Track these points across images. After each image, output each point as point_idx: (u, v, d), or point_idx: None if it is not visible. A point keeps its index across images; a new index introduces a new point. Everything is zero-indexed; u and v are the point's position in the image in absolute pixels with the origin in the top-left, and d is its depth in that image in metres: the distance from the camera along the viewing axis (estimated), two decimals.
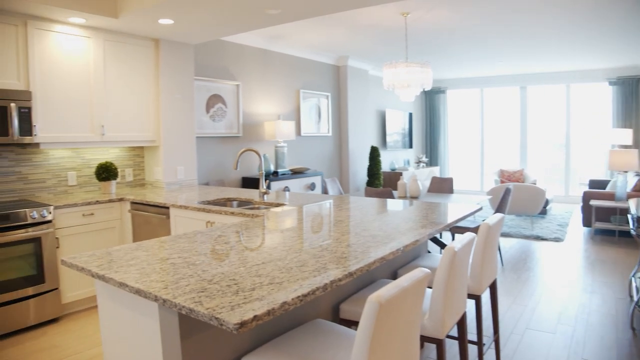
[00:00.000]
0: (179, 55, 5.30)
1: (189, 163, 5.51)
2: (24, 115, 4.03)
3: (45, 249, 3.96)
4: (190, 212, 3.89)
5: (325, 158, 8.39)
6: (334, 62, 8.53)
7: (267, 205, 3.98)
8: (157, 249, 2.32)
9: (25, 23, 4.11)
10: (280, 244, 2.36)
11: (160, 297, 1.65)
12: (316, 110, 8.10)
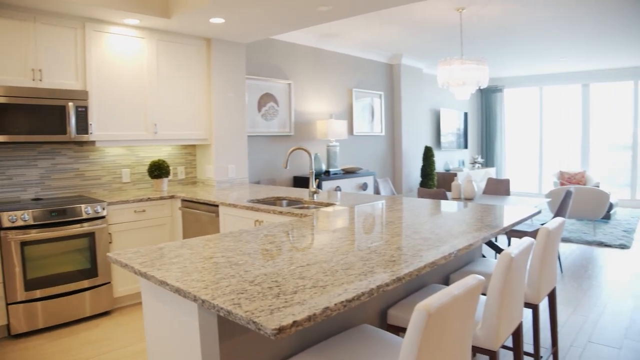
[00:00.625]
0: (231, 54, 5.31)
1: (240, 161, 5.51)
2: (80, 114, 4.13)
3: (99, 244, 4.05)
4: (239, 210, 3.86)
5: (378, 158, 8.25)
6: (387, 61, 8.37)
7: (317, 204, 3.90)
8: (202, 247, 2.28)
9: (83, 25, 4.22)
10: (327, 245, 2.27)
11: (199, 298, 1.59)
12: (369, 110, 7.97)
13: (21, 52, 3.91)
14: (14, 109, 3.80)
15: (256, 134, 6.10)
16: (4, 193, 4.17)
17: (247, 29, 4.81)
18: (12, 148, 4.20)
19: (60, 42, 4.11)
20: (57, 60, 4.10)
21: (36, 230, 3.71)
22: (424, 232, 2.51)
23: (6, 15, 3.82)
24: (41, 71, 3.99)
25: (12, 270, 3.62)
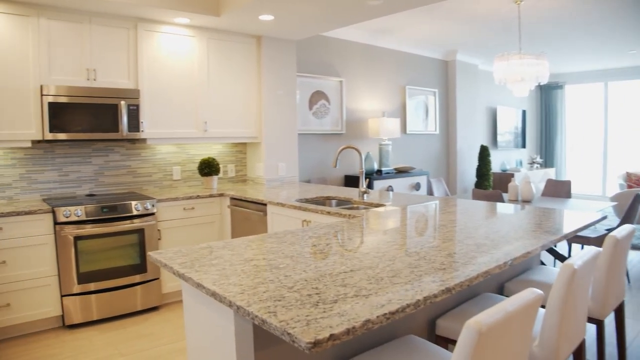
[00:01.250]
0: (281, 52, 5.26)
1: (291, 160, 5.45)
2: (132, 112, 4.18)
3: (148, 240, 4.08)
4: (287, 209, 3.79)
5: (431, 157, 8.01)
6: (442, 57, 8.11)
7: (367, 205, 3.78)
8: (244, 249, 2.21)
9: (135, 26, 4.27)
10: (374, 249, 2.15)
11: (235, 304, 1.51)
12: (423, 107, 7.75)
13: (77, 52, 4.00)
14: (71, 107, 3.88)
15: (307, 132, 6.03)
16: (61, 189, 4.29)
17: (296, 26, 4.74)
18: (68, 145, 4.31)
19: (113, 42, 4.17)
20: (110, 60, 4.17)
21: (89, 225, 3.78)
22: (478, 237, 2.35)
23: (64, 18, 3.92)
24: (95, 71, 4.07)
25: (67, 264, 3.70)
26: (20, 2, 3.73)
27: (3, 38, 3.70)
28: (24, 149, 4.09)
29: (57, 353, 3.38)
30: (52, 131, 3.82)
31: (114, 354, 3.35)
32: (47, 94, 3.79)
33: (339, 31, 6.21)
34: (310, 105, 6.06)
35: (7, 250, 3.52)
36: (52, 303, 3.69)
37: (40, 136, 3.85)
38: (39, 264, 3.64)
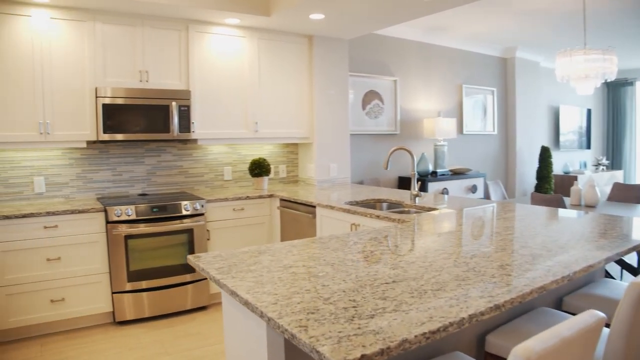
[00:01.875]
0: (333, 51, 5.17)
1: (343, 161, 5.35)
2: (183, 113, 4.21)
3: (197, 240, 4.10)
4: (336, 212, 3.70)
5: (489, 158, 7.69)
6: (501, 54, 7.77)
7: (418, 209, 3.63)
8: (284, 254, 2.13)
9: (187, 27, 4.30)
10: (421, 257, 2.02)
11: (266, 315, 1.43)
12: (480, 107, 7.45)
13: (130, 55, 4.08)
14: (124, 109, 3.96)
15: (360, 132, 5.91)
16: (115, 188, 4.38)
17: (348, 25, 4.63)
18: (122, 146, 4.40)
19: (165, 44, 4.22)
20: (162, 62, 4.22)
21: (139, 224, 3.83)
22: (534, 246, 2.16)
23: (118, 21, 4.00)
24: (147, 72, 4.13)
25: (117, 262, 3.77)
26: (77, 8, 3.83)
27: (61, 43, 3.82)
28: (80, 149, 4.21)
29: (105, 348, 3.44)
30: (106, 132, 3.90)
31: (160, 352, 3.37)
32: (102, 96, 3.88)
33: (393, 29, 6.06)
34: (363, 105, 5.93)
35: (62, 247, 3.62)
36: (103, 299, 3.77)
37: (94, 137, 3.95)
38: (91, 261, 3.72)
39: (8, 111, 3.67)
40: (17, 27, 3.68)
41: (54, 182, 4.14)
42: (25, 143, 3.74)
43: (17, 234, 3.48)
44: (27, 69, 3.72)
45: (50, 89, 3.79)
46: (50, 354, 3.37)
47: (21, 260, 3.50)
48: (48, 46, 3.77)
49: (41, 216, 3.53)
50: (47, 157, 4.10)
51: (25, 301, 3.53)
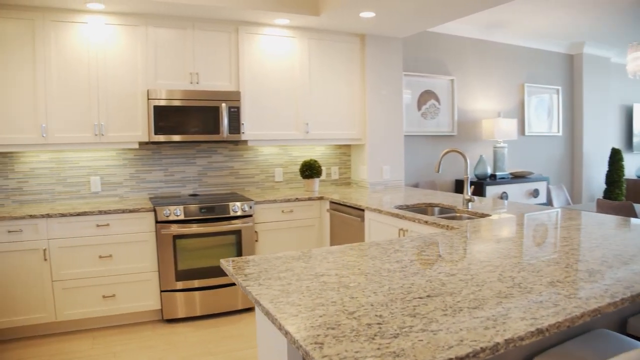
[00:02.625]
0: (386, 50, 5.02)
1: (396, 163, 5.19)
2: (233, 114, 4.21)
3: (245, 242, 4.08)
4: (384, 216, 3.56)
5: (552, 161, 7.24)
6: (566, 50, 7.28)
7: (470, 215, 3.43)
8: (319, 261, 2.03)
9: (236, 29, 4.31)
10: (463, 270, 1.86)
11: (284, 327, 1.34)
12: (544, 107, 7.02)
13: (181, 57, 4.13)
14: (175, 110, 4.00)
15: (415, 133, 5.72)
16: (167, 188, 4.46)
17: (400, 22, 4.47)
18: (174, 147, 4.46)
19: (215, 46, 4.24)
20: (212, 63, 4.24)
21: (187, 225, 3.86)
22: (592, 261, 1.94)
23: (169, 25, 4.06)
24: (198, 74, 4.16)
25: (166, 261, 3.82)
26: (131, 13, 3.92)
27: (115, 47, 3.92)
28: (133, 150, 4.31)
29: (151, 345, 3.48)
30: (157, 133, 3.96)
31: (203, 352, 3.37)
32: (153, 98, 3.94)
33: (449, 27, 5.81)
34: (418, 105, 5.74)
35: (114, 245, 3.70)
36: (152, 297, 3.83)
37: (146, 138, 4.02)
38: (141, 260, 3.79)
39: (67, 114, 3.81)
40: (75, 34, 3.82)
41: (109, 181, 4.25)
42: (81, 144, 3.87)
43: (72, 231, 3.59)
44: (84, 73, 3.84)
45: (105, 92, 3.90)
46: (100, 347, 3.45)
47: (76, 257, 3.61)
48: (103, 51, 3.88)
49: (94, 215, 3.63)
50: (103, 157, 4.23)
51: (79, 296, 3.64)
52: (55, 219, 3.54)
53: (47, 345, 3.49)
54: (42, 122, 3.73)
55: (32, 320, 3.55)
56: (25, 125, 3.71)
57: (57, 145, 3.81)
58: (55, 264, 3.56)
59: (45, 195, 4.08)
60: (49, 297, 3.56)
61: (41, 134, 3.73)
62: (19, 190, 4.00)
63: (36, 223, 3.51)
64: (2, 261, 3.46)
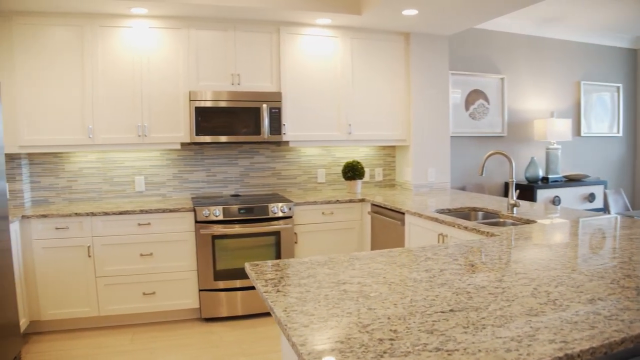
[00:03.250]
0: (431, 48, 4.85)
1: (442, 164, 5.01)
2: (274, 115, 4.18)
3: (284, 243, 4.04)
4: (423, 220, 3.43)
5: (611, 164, 6.78)
6: (628, 45, 6.77)
7: (515, 220, 3.24)
8: (344, 267, 1.95)
9: (277, 30, 4.28)
10: (494, 282, 1.73)
11: (291, 338, 1.27)
12: (602, 106, 6.60)
13: (222, 59, 4.15)
14: (216, 111, 4.02)
15: (462, 134, 5.51)
16: (209, 188, 4.49)
17: (445, 19, 4.29)
18: (216, 147, 4.49)
19: (256, 47, 4.23)
20: (253, 64, 4.23)
21: (226, 225, 3.86)
22: None
23: (211, 27, 4.09)
24: (239, 75, 4.16)
25: (205, 260, 3.83)
26: (173, 16, 3.98)
27: (158, 50, 3.99)
28: (176, 150, 4.36)
29: (189, 343, 3.50)
30: (199, 134, 3.99)
31: (238, 352, 3.35)
32: (195, 99, 3.97)
33: (499, 23, 5.55)
34: (466, 105, 5.52)
35: (154, 244, 3.75)
36: (191, 295, 3.86)
37: (188, 139, 4.06)
38: (181, 259, 3.82)
39: (112, 115, 3.90)
40: (120, 38, 3.91)
41: (152, 181, 4.33)
42: (125, 145, 3.95)
43: (115, 229, 3.67)
44: (128, 76, 3.93)
45: (148, 94, 3.96)
46: (139, 343, 3.50)
47: (118, 254, 3.69)
48: (146, 54, 3.96)
49: (135, 214, 3.70)
50: (147, 157, 4.31)
51: (120, 292, 3.72)
52: (98, 217, 3.63)
53: (89, 338, 3.59)
54: (89, 124, 3.84)
55: (77, 314, 3.66)
56: (73, 126, 3.83)
57: (102, 146, 3.91)
58: (99, 261, 3.65)
59: (92, 194, 4.20)
60: (93, 292, 3.65)
61: (88, 135, 3.84)
62: (68, 188, 4.14)
63: (81, 221, 3.61)
64: (50, 256, 3.58)
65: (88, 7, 3.66)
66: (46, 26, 3.76)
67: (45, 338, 3.59)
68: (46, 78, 3.78)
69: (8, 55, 3.71)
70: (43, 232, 3.56)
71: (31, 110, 3.77)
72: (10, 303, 3.13)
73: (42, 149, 3.81)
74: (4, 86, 3.71)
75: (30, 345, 3.49)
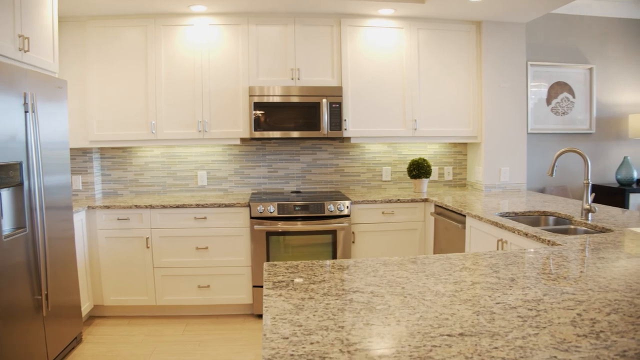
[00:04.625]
0: (506, 38, 4.38)
1: (517, 164, 4.52)
2: (334, 110, 3.99)
3: (340, 242, 3.83)
4: (483, 224, 3.07)
5: None
6: None
7: (589, 228, 2.79)
8: (365, 273, 1.72)
9: (339, 22, 4.07)
10: (531, 302, 1.42)
11: (263, 349, 1.08)
12: None
13: (282, 53, 4.03)
14: (276, 107, 3.91)
15: (543, 131, 4.95)
16: (270, 184, 4.39)
17: (519, 4, 3.82)
18: (277, 143, 4.38)
19: (316, 41, 4.06)
20: (313, 58, 4.06)
21: (280, 222, 3.73)
22: None
23: (270, 22, 3.98)
24: (299, 70, 4.01)
25: (258, 256, 3.73)
26: (233, 12, 3.92)
27: (218, 47, 3.95)
28: (238, 146, 4.31)
29: (236, 338, 3.42)
30: (256, 129, 3.89)
31: None
32: (254, 95, 3.88)
33: (586, 6, 4.90)
34: (548, 99, 4.95)
35: (210, 238, 3.72)
36: (244, 291, 3.78)
37: (247, 134, 3.98)
38: (236, 254, 3.75)
39: (173, 111, 3.93)
40: (182, 36, 3.93)
41: (214, 176, 4.31)
42: (186, 140, 3.96)
43: (173, 222, 3.68)
44: (189, 73, 3.93)
45: (208, 90, 3.94)
46: (190, 334, 3.48)
47: (174, 246, 3.69)
48: (207, 50, 3.93)
49: (192, 208, 3.68)
50: (209, 152, 4.29)
51: (176, 283, 3.72)
52: (157, 209, 3.66)
53: (145, 326, 3.62)
54: (152, 120, 3.89)
55: (135, 301, 3.72)
56: (137, 122, 3.90)
57: (164, 141, 3.95)
58: (157, 252, 3.68)
59: (157, 187, 4.26)
60: (150, 282, 3.69)
61: (151, 131, 3.89)
62: (135, 181, 4.24)
63: (140, 213, 3.65)
64: (112, 245, 3.67)
65: (151, 7, 3.69)
66: (114, 28, 3.87)
67: (107, 322, 3.68)
68: (113, 77, 3.90)
69: (81, 58, 3.88)
70: (106, 222, 3.65)
71: (100, 107, 3.90)
72: (72, 287, 3.23)
73: (109, 143, 3.93)
74: (78, 86, 3.87)
75: (92, 327, 3.60)
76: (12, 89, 2.61)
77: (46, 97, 2.96)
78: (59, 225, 3.07)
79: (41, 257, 2.81)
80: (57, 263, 3.01)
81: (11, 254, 2.56)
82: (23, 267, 2.67)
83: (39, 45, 3.05)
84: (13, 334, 2.56)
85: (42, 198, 2.84)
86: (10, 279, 2.55)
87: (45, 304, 2.84)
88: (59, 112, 3.13)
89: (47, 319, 2.86)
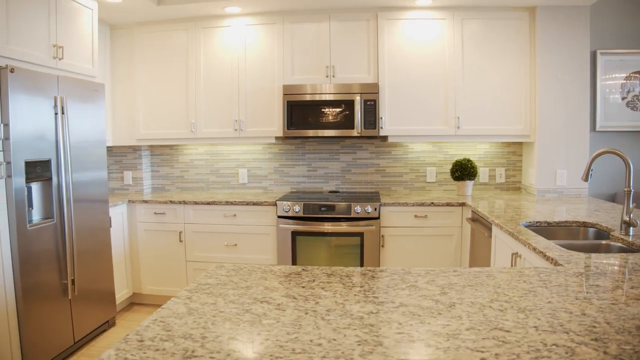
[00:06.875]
0: (565, 23, 3.76)
1: (577, 166, 3.87)
2: (369, 107, 3.73)
3: (367, 245, 3.58)
4: (503, 234, 2.67)
5: None
6: None
7: (626, 245, 2.28)
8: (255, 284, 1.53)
9: (375, 16, 3.79)
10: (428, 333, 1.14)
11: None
12: None
13: (317, 51, 3.85)
14: (310, 105, 3.75)
15: (615, 128, 4.19)
16: (309, 183, 4.24)
17: None
18: (317, 142, 4.21)
19: (352, 37, 3.82)
20: (349, 55, 3.83)
21: (305, 222, 3.58)
22: None
23: (305, 19, 3.82)
24: (334, 67, 3.82)
25: (284, 256, 3.61)
26: (267, 12, 3.83)
27: (254, 46, 3.88)
28: (278, 144, 4.22)
29: None
30: (290, 128, 3.76)
31: None
32: (288, 93, 3.76)
33: None
34: (622, 92, 4.21)
35: (239, 235, 3.67)
36: None
37: (281, 133, 3.86)
38: (263, 252, 3.67)
39: (211, 111, 3.95)
40: (220, 38, 3.92)
41: (255, 174, 4.27)
42: (223, 139, 3.95)
43: (204, 218, 3.69)
44: (226, 73, 3.91)
45: (245, 90, 3.89)
46: None
47: (205, 242, 3.70)
48: (243, 51, 3.88)
49: (222, 205, 3.65)
50: (249, 151, 4.25)
51: None
52: (190, 206, 3.69)
53: None
54: (192, 119, 3.93)
55: (169, 292, 3.80)
56: (178, 121, 3.97)
57: (203, 140, 3.97)
58: (189, 246, 3.71)
59: (201, 184, 4.31)
60: (183, 274, 3.74)
61: (190, 130, 3.93)
62: (181, 178, 4.32)
63: (175, 208, 3.71)
64: (150, 238, 3.77)
65: (190, 11, 3.72)
66: (159, 32, 3.98)
67: (143, 309, 3.80)
68: (157, 79, 4.01)
69: (129, 62, 4.06)
70: (145, 216, 3.76)
71: (145, 108, 4.04)
72: (105, 274, 3.36)
73: (154, 141, 4.04)
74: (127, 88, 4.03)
75: (129, 313, 3.73)
76: (42, 93, 2.75)
77: (79, 100, 3.09)
78: (90, 217, 3.20)
79: (68, 245, 2.94)
80: (87, 252, 3.14)
81: (36, 240, 2.70)
82: (50, 254, 2.81)
83: (76, 53, 3.19)
84: (41, 312, 2.73)
85: (70, 192, 2.98)
86: (36, 264, 2.69)
87: (72, 288, 2.97)
88: (94, 113, 3.25)
89: (74, 302, 3.00)
